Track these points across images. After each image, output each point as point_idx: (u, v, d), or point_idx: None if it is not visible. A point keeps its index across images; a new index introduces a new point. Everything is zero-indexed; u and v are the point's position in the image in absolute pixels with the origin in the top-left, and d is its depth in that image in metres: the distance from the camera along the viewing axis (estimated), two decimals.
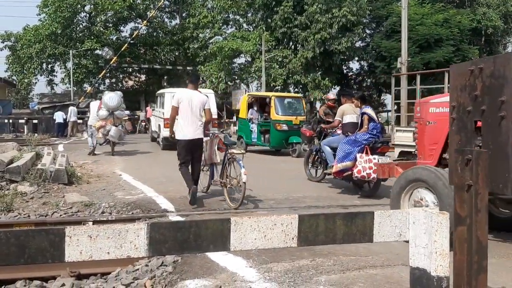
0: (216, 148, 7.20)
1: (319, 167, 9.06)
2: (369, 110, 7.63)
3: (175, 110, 6.78)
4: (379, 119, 8.72)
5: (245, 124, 15.78)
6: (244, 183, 6.34)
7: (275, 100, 14.78)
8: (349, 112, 8.06)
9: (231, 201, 6.73)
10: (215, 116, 16.57)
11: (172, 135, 6.95)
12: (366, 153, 7.18)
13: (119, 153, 14.12)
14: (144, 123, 29.65)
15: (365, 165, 7.02)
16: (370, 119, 7.53)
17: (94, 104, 14.74)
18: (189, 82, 7.24)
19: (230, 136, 8.17)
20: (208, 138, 7.23)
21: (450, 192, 4.00)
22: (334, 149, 7.94)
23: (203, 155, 7.18)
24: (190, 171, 6.89)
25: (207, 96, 7.54)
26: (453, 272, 2.00)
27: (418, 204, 4.56)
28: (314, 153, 9.16)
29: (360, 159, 7.12)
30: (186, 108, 6.72)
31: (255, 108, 15.67)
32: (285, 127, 14.29)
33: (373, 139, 7.37)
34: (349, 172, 7.32)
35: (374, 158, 6.98)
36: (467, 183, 1.98)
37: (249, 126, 15.51)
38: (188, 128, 6.73)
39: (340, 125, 8.27)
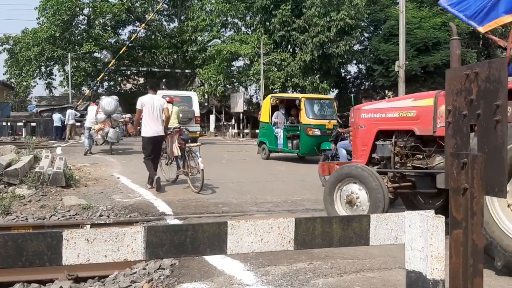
0: (176, 143, 8.51)
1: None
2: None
3: (139, 113, 8.11)
4: None
5: (268, 129, 14.26)
6: (202, 170, 7.71)
7: (306, 102, 13.42)
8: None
9: (194, 187, 8.03)
10: (197, 114, 18.85)
11: (133, 132, 8.22)
12: None
13: (117, 156, 14.11)
14: None
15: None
16: None
17: (91, 108, 15.68)
18: (149, 88, 8.64)
19: (190, 134, 10.29)
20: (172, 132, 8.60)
21: (377, 186, 4.80)
22: (350, 153, 7.71)
23: (167, 149, 8.71)
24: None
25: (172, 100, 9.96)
26: (449, 275, 2.01)
27: (349, 196, 5.07)
28: (330, 159, 8.96)
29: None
30: (148, 110, 8.00)
31: (282, 111, 14.31)
32: (317, 132, 12.92)
33: None
34: None
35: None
36: (463, 186, 2.00)
37: (273, 131, 14.03)
38: (150, 127, 8.03)
39: None
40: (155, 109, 8.01)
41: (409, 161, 5.20)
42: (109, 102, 14.62)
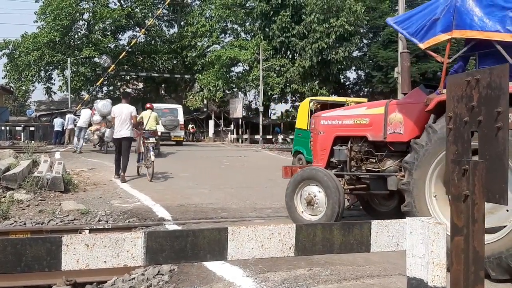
0: (141, 142, 10.81)
1: None
2: None
3: (113, 119, 10.12)
4: None
5: (306, 137, 12.10)
6: (153, 161, 9.90)
7: None
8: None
9: (148, 175, 10.06)
10: (181, 123, 23.41)
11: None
12: None
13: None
14: None
15: None
16: None
17: (84, 111, 17.59)
18: (122, 98, 10.80)
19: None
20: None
21: (333, 187, 5.14)
22: None
23: (136, 147, 11.01)
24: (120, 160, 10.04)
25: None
26: (450, 283, 2.00)
27: (309, 197, 5.39)
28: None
29: None
30: (119, 117, 9.89)
31: None
32: None
33: None
34: None
35: None
36: (464, 193, 1.99)
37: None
38: (118, 130, 9.96)
39: None
40: (123, 115, 9.88)
41: (363, 164, 5.50)
42: (104, 104, 16.06)
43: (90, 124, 16.71)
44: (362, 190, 5.66)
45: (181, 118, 23.48)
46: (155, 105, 16.21)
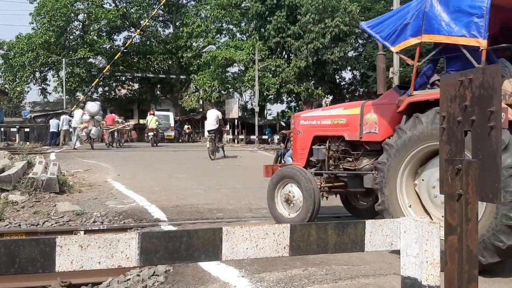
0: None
1: None
2: None
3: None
4: None
5: None
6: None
7: None
8: None
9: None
10: (172, 126, 31.40)
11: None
12: None
13: (111, 162, 14.06)
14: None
15: None
16: None
17: (77, 112, 20.06)
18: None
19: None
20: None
21: (308, 185, 5.33)
22: None
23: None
24: None
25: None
26: (444, 282, 2.01)
27: (287, 195, 5.62)
28: (281, 155, 9.90)
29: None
30: None
31: None
32: None
33: None
34: None
35: None
36: (458, 192, 2.00)
37: None
38: None
39: None
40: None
41: (341, 163, 5.68)
42: (93, 105, 18.56)
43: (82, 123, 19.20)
44: (340, 188, 5.85)
45: (172, 121, 30.44)
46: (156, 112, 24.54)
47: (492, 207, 3.72)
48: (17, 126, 28.12)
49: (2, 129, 28.34)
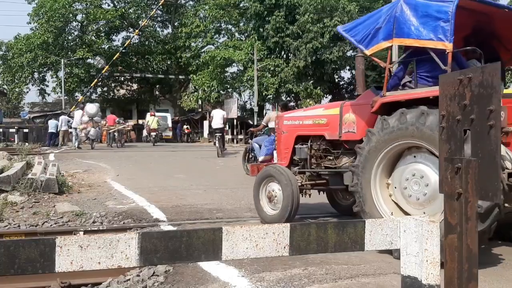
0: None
1: (253, 163, 10.24)
2: None
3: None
4: None
5: None
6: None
7: None
8: (273, 119, 9.44)
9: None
10: (170, 126, 32.99)
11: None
12: None
13: (110, 163, 14.06)
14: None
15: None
16: None
17: (77, 113, 20.73)
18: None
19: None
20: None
21: (287, 182, 5.53)
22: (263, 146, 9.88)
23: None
24: None
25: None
26: (444, 280, 2.01)
27: (270, 193, 5.87)
28: (249, 151, 10.57)
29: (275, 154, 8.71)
30: None
31: None
32: None
33: None
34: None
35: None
36: (457, 191, 2.00)
37: None
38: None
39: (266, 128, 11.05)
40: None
41: (322, 162, 5.88)
42: (91, 107, 19.81)
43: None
44: (322, 186, 6.07)
45: (169, 123, 32.10)
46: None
47: None
48: (16, 127, 28.05)
49: (1, 130, 28.27)
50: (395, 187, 4.67)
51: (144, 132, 28.96)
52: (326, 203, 7.02)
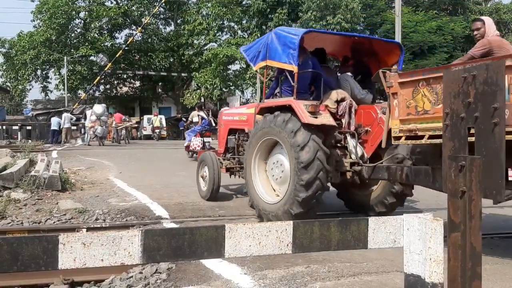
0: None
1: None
2: (202, 113, 14.52)
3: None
4: None
5: None
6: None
7: None
8: (194, 115, 15.57)
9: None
10: (165, 126, 32.84)
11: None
12: (197, 136, 13.59)
13: (113, 160, 14.08)
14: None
15: (195, 143, 13.48)
16: (202, 118, 14.33)
17: (88, 112, 22.64)
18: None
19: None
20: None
21: (212, 165, 7.28)
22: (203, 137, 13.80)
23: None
24: None
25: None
26: (447, 279, 2.00)
27: (203, 174, 7.66)
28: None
29: (193, 140, 13.55)
30: None
31: None
32: None
33: (202, 129, 13.81)
34: (192, 147, 13.57)
35: (201, 139, 13.49)
36: (461, 189, 1.99)
37: None
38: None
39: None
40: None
41: (244, 150, 6.91)
42: (98, 107, 22.02)
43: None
44: (241, 169, 7.18)
45: (164, 123, 33.33)
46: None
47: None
48: (19, 124, 28.12)
49: (4, 127, 28.34)
50: (271, 168, 6.05)
51: (143, 131, 32.46)
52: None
